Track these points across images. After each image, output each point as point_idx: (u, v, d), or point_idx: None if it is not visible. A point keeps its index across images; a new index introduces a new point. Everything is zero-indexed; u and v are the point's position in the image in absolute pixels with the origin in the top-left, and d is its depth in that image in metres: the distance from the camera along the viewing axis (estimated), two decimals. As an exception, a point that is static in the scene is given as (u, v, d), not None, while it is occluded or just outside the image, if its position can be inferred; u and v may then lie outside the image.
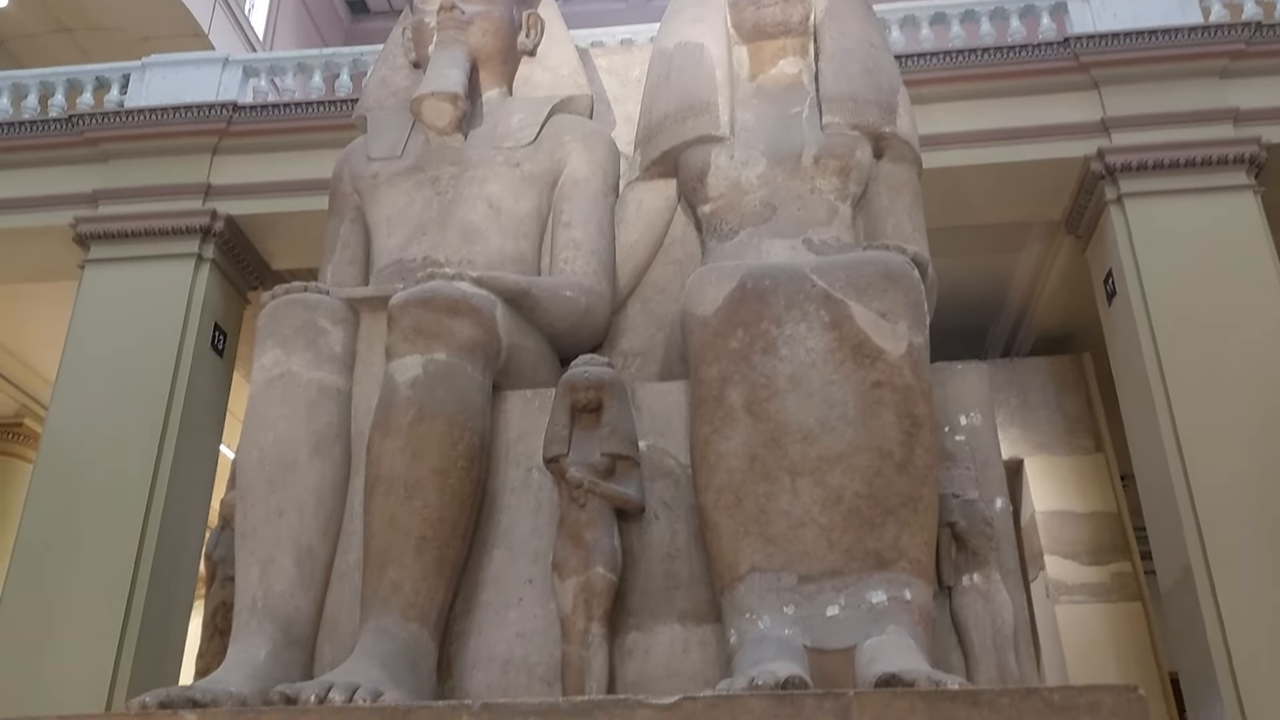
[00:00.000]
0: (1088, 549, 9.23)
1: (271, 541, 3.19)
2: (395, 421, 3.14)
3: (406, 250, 4.04)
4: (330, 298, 3.62)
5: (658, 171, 4.30)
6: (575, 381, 3.32)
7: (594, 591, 2.99)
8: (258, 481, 3.27)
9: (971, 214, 8.73)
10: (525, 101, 4.47)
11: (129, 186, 8.88)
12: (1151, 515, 7.77)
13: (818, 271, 3.29)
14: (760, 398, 3.10)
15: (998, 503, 3.32)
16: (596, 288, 4.03)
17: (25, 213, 8.97)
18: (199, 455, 8.35)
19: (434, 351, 3.23)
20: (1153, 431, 7.58)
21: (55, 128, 9.13)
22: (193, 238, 8.63)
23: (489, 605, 3.20)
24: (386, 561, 3.00)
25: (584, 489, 3.11)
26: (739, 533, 2.96)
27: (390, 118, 4.50)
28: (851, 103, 4.17)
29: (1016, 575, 3.26)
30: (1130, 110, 8.33)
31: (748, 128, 4.21)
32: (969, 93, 8.50)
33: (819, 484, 2.98)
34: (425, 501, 3.05)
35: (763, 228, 4.00)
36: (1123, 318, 8.07)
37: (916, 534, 2.95)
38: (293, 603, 3.14)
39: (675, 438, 3.38)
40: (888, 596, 2.86)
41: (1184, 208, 8.02)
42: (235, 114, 8.95)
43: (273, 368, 3.43)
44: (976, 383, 3.55)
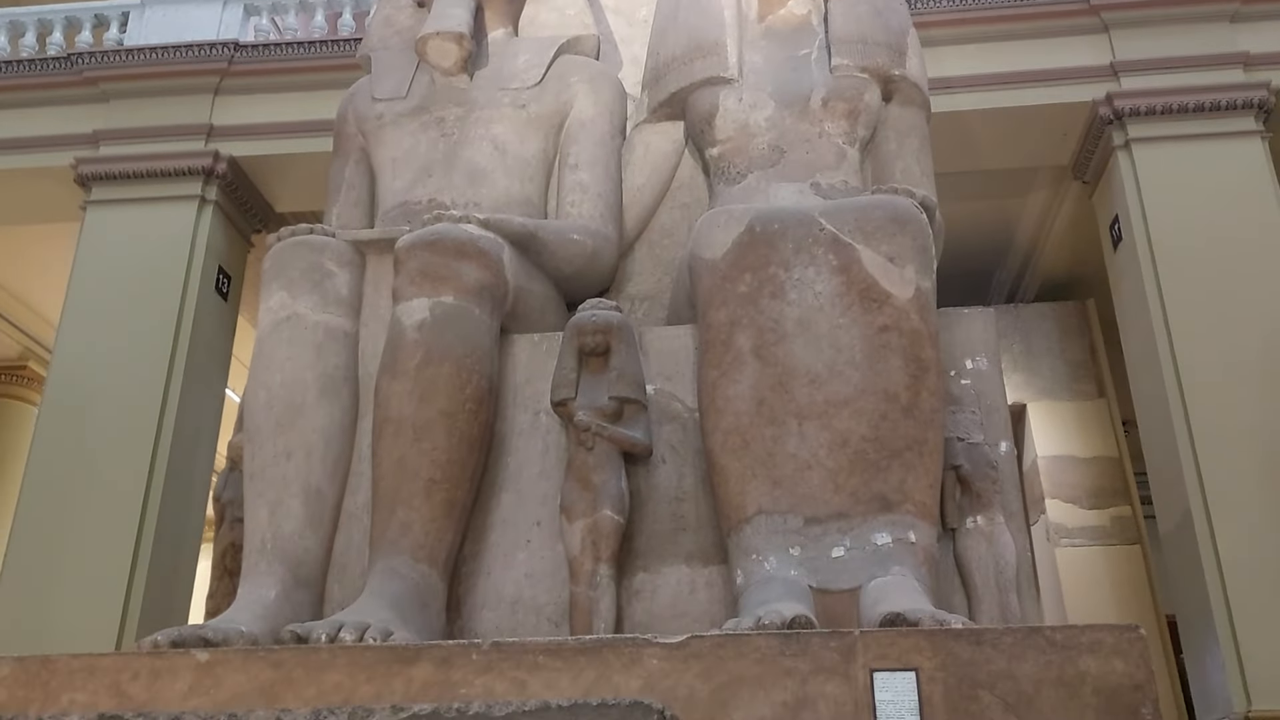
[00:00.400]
0: (1088, 493, 9.27)
1: (280, 483, 3.22)
2: (403, 364, 3.15)
3: (412, 192, 4.02)
4: (336, 240, 3.61)
5: (665, 114, 4.26)
6: (583, 325, 3.32)
7: (601, 533, 3.02)
8: (265, 423, 3.29)
9: (979, 159, 8.66)
10: (531, 42, 4.42)
11: (130, 127, 8.77)
12: (1152, 460, 7.80)
13: (826, 215, 3.28)
14: (768, 342, 3.11)
15: (1002, 446, 3.35)
16: (603, 231, 4.01)
17: (25, 153, 8.88)
18: (204, 399, 8.36)
19: (441, 294, 3.23)
20: (1155, 377, 7.58)
21: (54, 66, 9.00)
22: (195, 179, 8.55)
23: (497, 547, 3.24)
24: (395, 503, 3.02)
25: (591, 432, 3.13)
26: (746, 475, 2.98)
27: (395, 58, 4.45)
28: (861, 45, 4.12)
29: (1020, 518, 3.29)
30: (1140, 54, 8.21)
31: (756, 70, 4.16)
32: (978, 35, 8.37)
33: (825, 427, 3.00)
34: (434, 444, 3.06)
35: (770, 171, 3.98)
36: (1128, 264, 8.03)
37: (921, 477, 2.97)
38: (302, 544, 3.17)
39: (683, 382, 3.39)
40: (892, 538, 2.89)
41: (1192, 153, 7.94)
42: (237, 53, 8.82)
43: (279, 310, 3.43)
44: (983, 328, 3.56)
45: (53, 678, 2.46)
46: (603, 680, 2.33)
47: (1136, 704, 2.29)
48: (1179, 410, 7.31)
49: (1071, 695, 2.29)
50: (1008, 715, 2.28)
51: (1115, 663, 2.31)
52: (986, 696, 2.29)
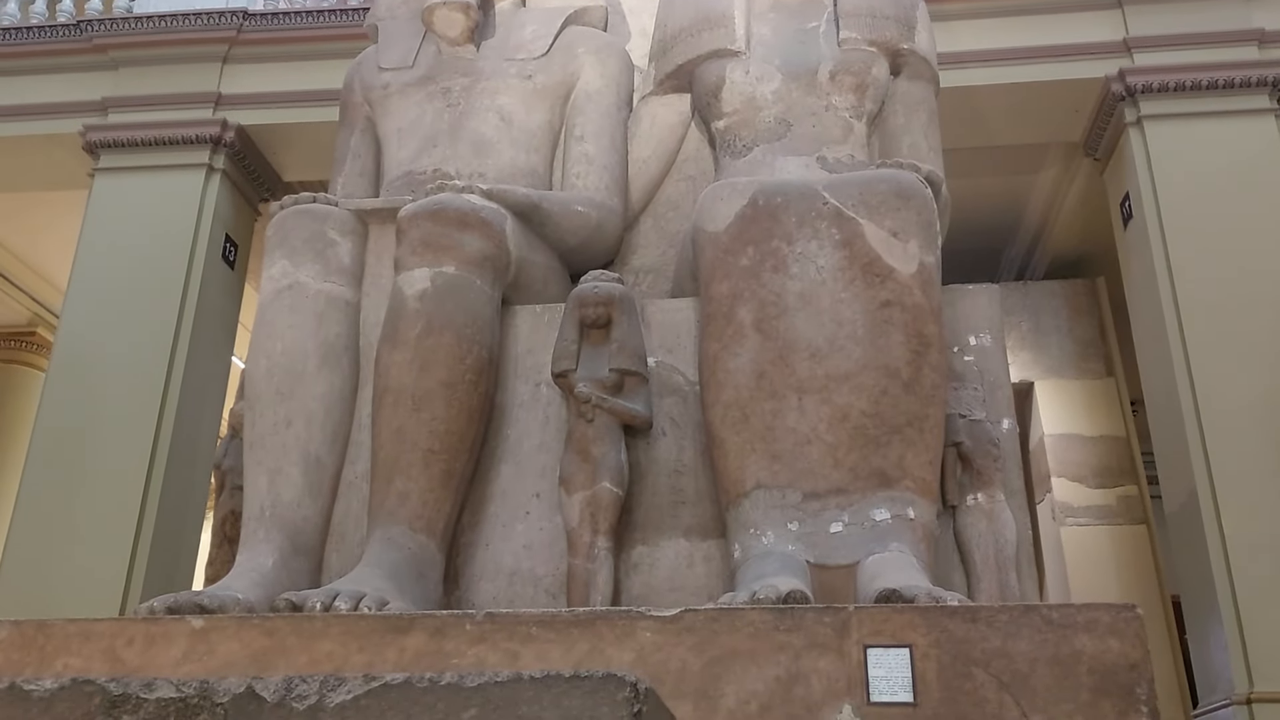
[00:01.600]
0: (1095, 472, 9.25)
1: (279, 451, 3.23)
2: (403, 334, 3.15)
3: (417, 162, 4.00)
4: (339, 209, 3.61)
5: (672, 86, 4.23)
6: (585, 297, 3.31)
7: (600, 506, 3.03)
8: (266, 391, 3.30)
9: (989, 134, 8.59)
10: (538, 12, 4.39)
11: (138, 95, 8.76)
12: (1159, 440, 7.78)
13: (830, 189, 3.26)
14: (770, 315, 3.10)
15: (1004, 423, 3.33)
16: (608, 203, 4.00)
17: (34, 120, 8.88)
18: (210, 366, 8.39)
19: (443, 264, 3.22)
20: (1164, 357, 7.54)
21: (63, 33, 8.98)
22: (203, 148, 8.54)
23: (496, 518, 3.24)
24: (394, 473, 3.03)
25: (592, 404, 3.12)
26: (745, 449, 2.98)
27: (402, 27, 4.43)
28: (869, 18, 4.08)
29: (1021, 495, 3.28)
30: (1153, 30, 8.12)
31: (764, 42, 4.12)
32: (990, 10, 8.28)
33: (826, 402, 2.99)
34: (433, 414, 3.07)
35: (777, 145, 3.95)
36: (1138, 242, 7.98)
37: (921, 453, 2.96)
38: (300, 512, 3.18)
39: (684, 354, 3.39)
40: (891, 514, 2.89)
41: (1204, 131, 7.87)
42: (246, 22, 8.79)
43: (281, 278, 3.43)
44: (987, 304, 3.54)
45: (49, 642, 2.47)
46: (595, 653, 2.33)
47: (1131, 683, 2.28)
48: (1186, 390, 7.28)
49: (1066, 674, 2.29)
50: (1002, 693, 2.28)
51: (1111, 642, 2.31)
52: (980, 674, 2.29)
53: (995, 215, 10.21)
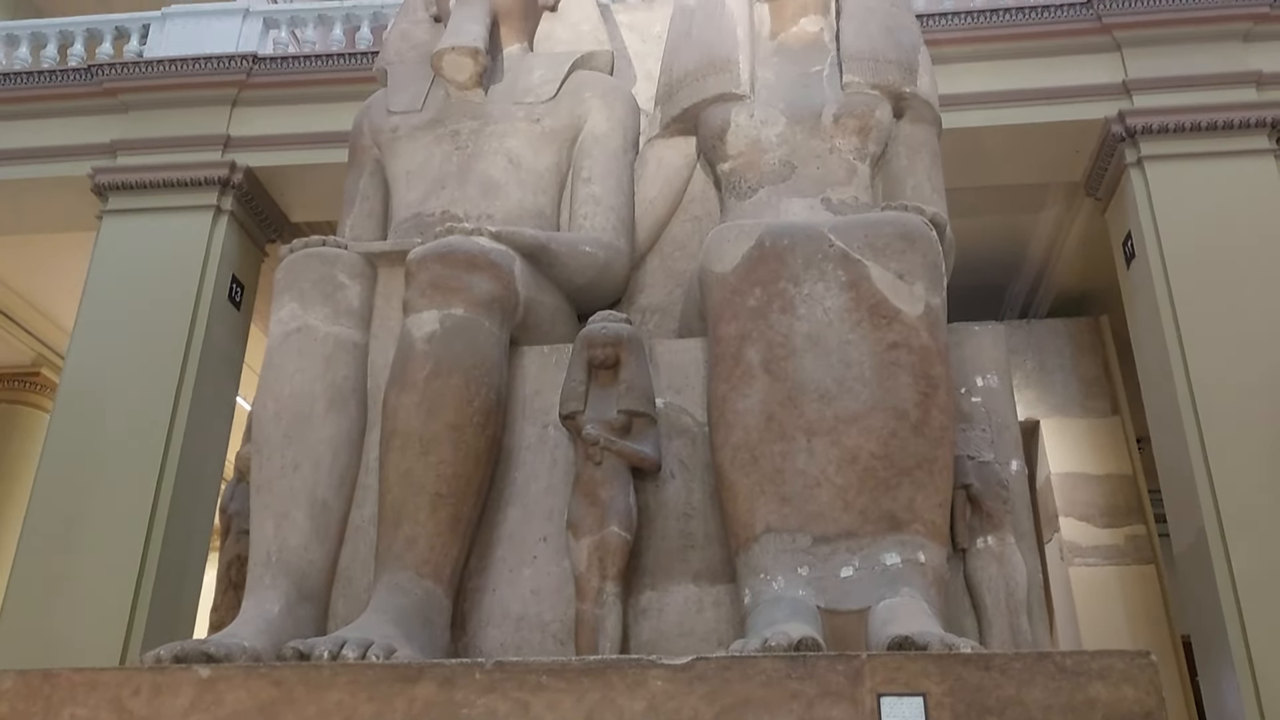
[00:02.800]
0: (1102, 511, 9.22)
1: (286, 495, 3.21)
2: (411, 376, 3.15)
3: (425, 204, 4.03)
4: (348, 252, 3.62)
5: (678, 129, 4.27)
6: (593, 337, 3.31)
7: (608, 550, 3.01)
8: (274, 435, 3.29)
9: (991, 174, 8.65)
10: (546, 57, 4.44)
11: (148, 137, 8.84)
12: (1166, 479, 7.75)
13: (836, 231, 3.28)
14: (778, 356, 3.10)
15: (1013, 465, 3.32)
16: (615, 243, 4.02)
17: (44, 163, 8.96)
18: (215, 408, 8.39)
19: (451, 307, 3.23)
20: (1169, 395, 7.54)
21: (74, 77, 9.08)
22: (211, 189, 8.60)
23: (503, 562, 3.22)
24: (401, 517, 3.01)
25: (600, 446, 3.11)
26: (755, 492, 2.97)
27: (411, 71, 4.47)
28: (872, 62, 4.12)
29: (1030, 538, 3.26)
30: (1152, 73, 8.20)
31: (768, 86, 4.17)
32: (990, 53, 8.38)
33: (835, 444, 2.98)
34: (440, 457, 3.05)
35: (781, 186, 3.98)
36: (1141, 281, 8.00)
37: (931, 496, 2.95)
38: (307, 556, 3.16)
39: (693, 395, 3.38)
40: (902, 558, 2.87)
41: (1204, 171, 7.92)
42: (255, 65, 8.89)
43: (290, 321, 3.44)
44: (993, 345, 3.54)
45: (54, 692, 2.45)
46: (607, 702, 2.31)
47: (1147, 730, 2.26)
48: (1193, 428, 7.27)
49: (1081, 721, 2.26)
50: (1016, 740, 2.26)
51: (1125, 689, 2.28)
52: (995, 720, 2.27)
53: (998, 253, 10.25)
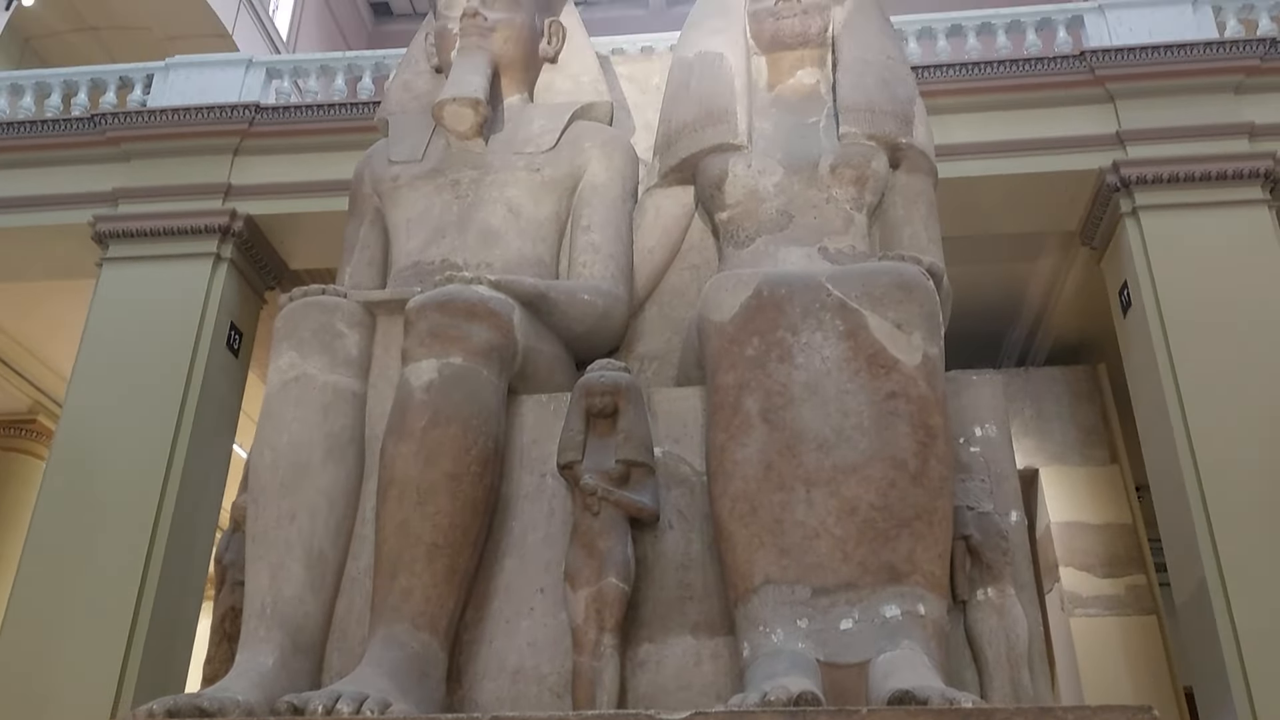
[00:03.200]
0: (1102, 561, 9.19)
1: (282, 545, 3.19)
2: (409, 425, 3.14)
3: (425, 253, 4.05)
4: (348, 300, 3.63)
5: (676, 178, 4.30)
6: (591, 386, 3.31)
7: (606, 602, 2.98)
8: (270, 484, 3.27)
9: (987, 224, 8.72)
10: (546, 108, 4.48)
11: (149, 186, 8.92)
12: (1166, 528, 7.73)
13: (833, 280, 3.29)
14: (776, 405, 3.09)
15: (1012, 516, 3.30)
16: (614, 291, 4.03)
17: (45, 211, 9.02)
18: (212, 455, 8.37)
19: (450, 355, 3.23)
20: (1167, 444, 7.54)
21: (78, 126, 9.17)
22: (211, 237, 8.66)
23: (500, 614, 3.19)
24: (397, 568, 2.99)
25: (598, 496, 3.09)
26: (753, 543, 2.95)
27: (412, 121, 4.51)
28: (868, 113, 4.17)
29: (1031, 590, 3.24)
30: (1145, 124, 8.31)
31: (765, 136, 4.21)
32: (985, 104, 8.49)
33: (834, 494, 2.97)
34: (437, 507, 3.04)
35: (779, 235, 4.00)
36: (1138, 330, 8.04)
37: (931, 547, 2.93)
38: (302, 609, 3.13)
39: (691, 444, 3.37)
40: (901, 611, 2.84)
41: (1199, 221, 8.00)
42: (257, 115, 8.99)
43: (288, 370, 3.44)
44: (991, 394, 3.53)
45: (47, 744, 2.42)
46: (604, 755, 2.28)
47: (1151, 786, 2.23)
48: (1191, 477, 7.27)
49: (1084, 776, 2.23)
50: (1019, 796, 2.22)
51: (1129, 744, 2.26)
52: (997, 776, 2.24)
53: (995, 301, 10.31)
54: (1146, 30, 8.71)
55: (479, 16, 4.39)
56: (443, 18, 4.57)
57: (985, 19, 9.32)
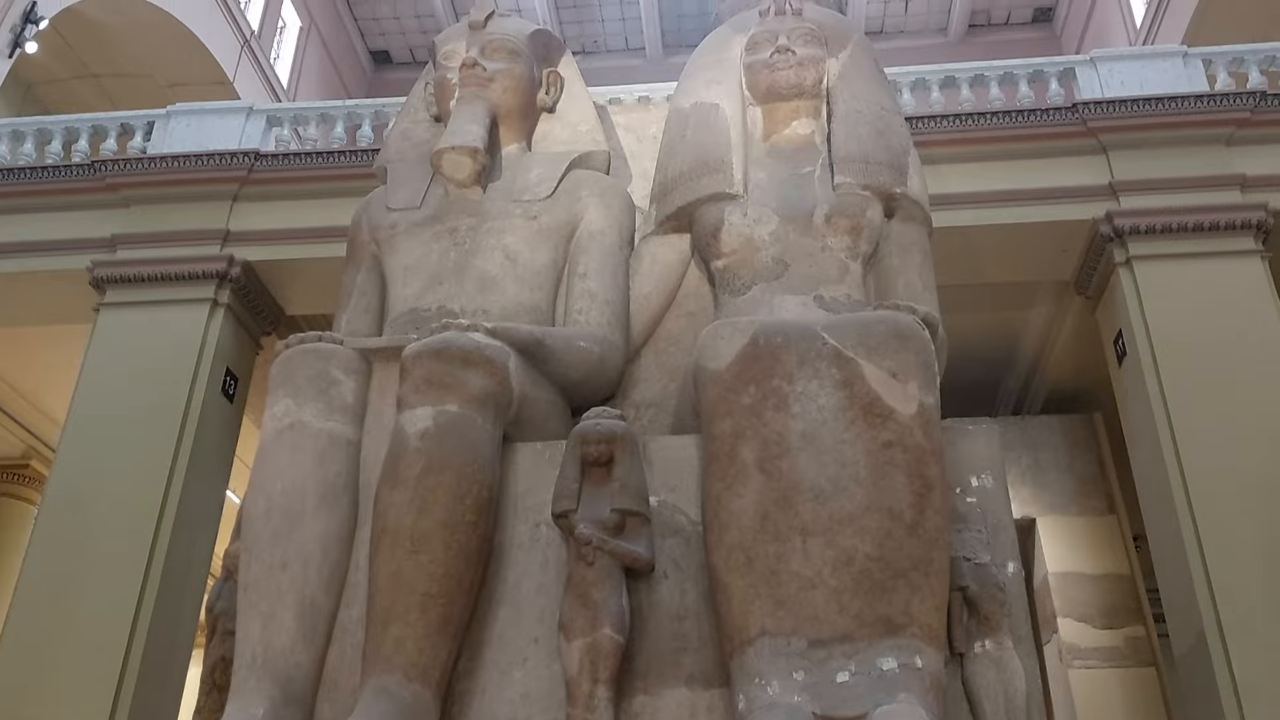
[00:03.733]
0: (1101, 612, 9.12)
1: (274, 594, 3.16)
2: (403, 473, 3.13)
3: (422, 299, 4.05)
4: (344, 348, 3.63)
5: (672, 226, 4.33)
6: (586, 434, 3.30)
7: (601, 653, 2.94)
8: (263, 532, 3.25)
9: (982, 272, 8.77)
10: (544, 156, 4.52)
11: (148, 232, 8.95)
12: (1164, 579, 7.69)
13: (829, 329, 3.30)
14: (772, 455, 3.08)
15: (1009, 567, 3.28)
16: (610, 338, 4.04)
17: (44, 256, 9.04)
18: (205, 501, 8.32)
19: (445, 403, 3.22)
20: (1164, 494, 7.52)
21: (78, 173, 9.22)
22: (209, 283, 8.68)
23: (493, 665, 3.15)
24: (390, 618, 2.96)
25: (593, 546, 3.07)
26: (749, 594, 2.92)
27: (411, 169, 4.55)
28: (863, 163, 4.20)
29: (1029, 642, 3.21)
30: (1138, 174, 8.39)
31: (761, 186, 4.24)
32: (979, 154, 8.57)
33: (830, 545, 2.95)
34: (431, 556, 3.01)
35: (775, 284, 4.02)
36: (1133, 379, 8.05)
37: (928, 598, 2.91)
38: (293, 659, 3.10)
39: (687, 493, 3.35)
40: (899, 663, 2.81)
41: (1192, 271, 8.05)
42: (257, 162, 9.04)
43: (283, 417, 3.43)
44: (987, 444, 3.53)
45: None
46: (597, 810, 2.24)
47: (1153, 844, 2.19)
48: (1189, 527, 7.24)
49: (1085, 833, 2.20)
50: None
51: (1130, 799, 2.22)
52: (996, 833, 2.20)
53: (991, 349, 10.33)
54: (1138, 83, 8.83)
55: (478, 66, 4.44)
56: (442, 67, 4.62)
57: (978, 71, 9.44)
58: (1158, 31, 15.90)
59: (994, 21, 20.57)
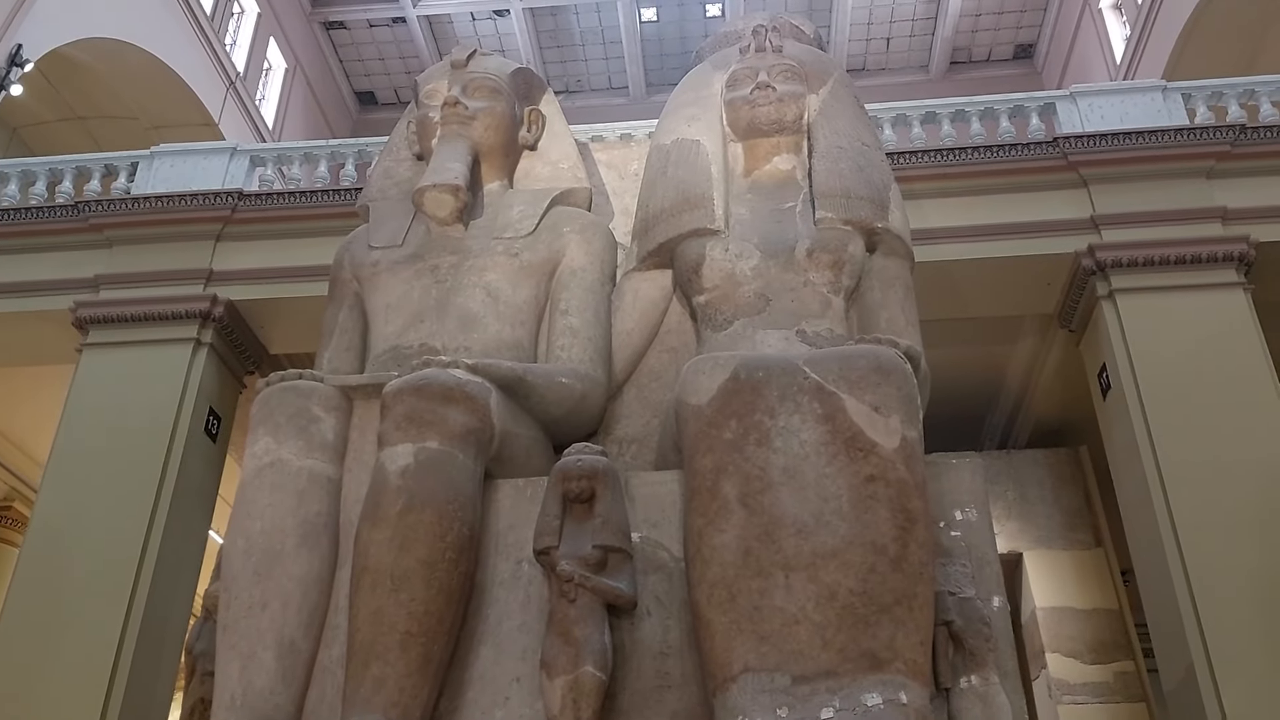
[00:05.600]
0: (1089, 647, 9.08)
1: (254, 635, 3.12)
2: (384, 511, 3.10)
3: (404, 337, 4.04)
4: (324, 385, 3.61)
5: (654, 262, 4.34)
6: (568, 470, 3.28)
7: (583, 691, 2.91)
8: (243, 572, 3.22)
9: (965, 307, 8.80)
10: (525, 194, 4.53)
11: (131, 272, 8.93)
12: (1153, 613, 7.66)
13: (810, 364, 3.29)
14: (754, 490, 3.07)
15: (995, 601, 3.26)
16: (592, 374, 4.03)
17: (26, 296, 9.01)
18: (187, 541, 8.25)
19: (426, 440, 3.20)
20: (1151, 527, 7.51)
21: (61, 214, 9.21)
22: (192, 322, 8.65)
23: (475, 704, 3.11)
24: (370, 657, 2.93)
25: (574, 583, 3.04)
26: (732, 631, 2.90)
27: (393, 207, 4.55)
28: (844, 198, 4.22)
29: (1015, 677, 3.19)
30: (1119, 208, 8.45)
31: (742, 221, 4.26)
32: (960, 189, 8.63)
33: (813, 580, 2.93)
34: (412, 595, 2.99)
35: (757, 319, 4.02)
36: (1118, 412, 8.07)
37: (912, 633, 2.89)
38: (272, 700, 3.06)
39: (669, 529, 3.33)
40: (883, 699, 2.79)
41: (1175, 304, 8.08)
42: (240, 201, 9.04)
43: (264, 455, 3.41)
44: (971, 477, 3.51)
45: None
46: None
47: None
48: (1176, 561, 7.22)
49: None
50: None
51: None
52: None
53: (975, 384, 10.34)
54: (1118, 117, 8.92)
55: (460, 105, 4.46)
56: (424, 106, 4.64)
57: (959, 106, 9.53)
58: (1138, 67, 16.12)
59: (975, 58, 20.84)
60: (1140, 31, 16.10)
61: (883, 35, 20.40)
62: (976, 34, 20.34)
